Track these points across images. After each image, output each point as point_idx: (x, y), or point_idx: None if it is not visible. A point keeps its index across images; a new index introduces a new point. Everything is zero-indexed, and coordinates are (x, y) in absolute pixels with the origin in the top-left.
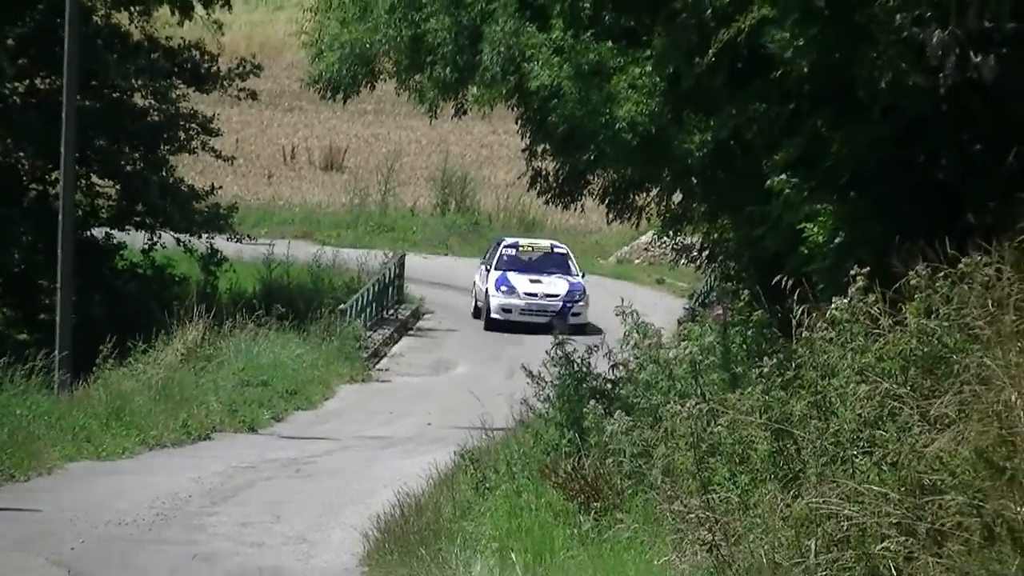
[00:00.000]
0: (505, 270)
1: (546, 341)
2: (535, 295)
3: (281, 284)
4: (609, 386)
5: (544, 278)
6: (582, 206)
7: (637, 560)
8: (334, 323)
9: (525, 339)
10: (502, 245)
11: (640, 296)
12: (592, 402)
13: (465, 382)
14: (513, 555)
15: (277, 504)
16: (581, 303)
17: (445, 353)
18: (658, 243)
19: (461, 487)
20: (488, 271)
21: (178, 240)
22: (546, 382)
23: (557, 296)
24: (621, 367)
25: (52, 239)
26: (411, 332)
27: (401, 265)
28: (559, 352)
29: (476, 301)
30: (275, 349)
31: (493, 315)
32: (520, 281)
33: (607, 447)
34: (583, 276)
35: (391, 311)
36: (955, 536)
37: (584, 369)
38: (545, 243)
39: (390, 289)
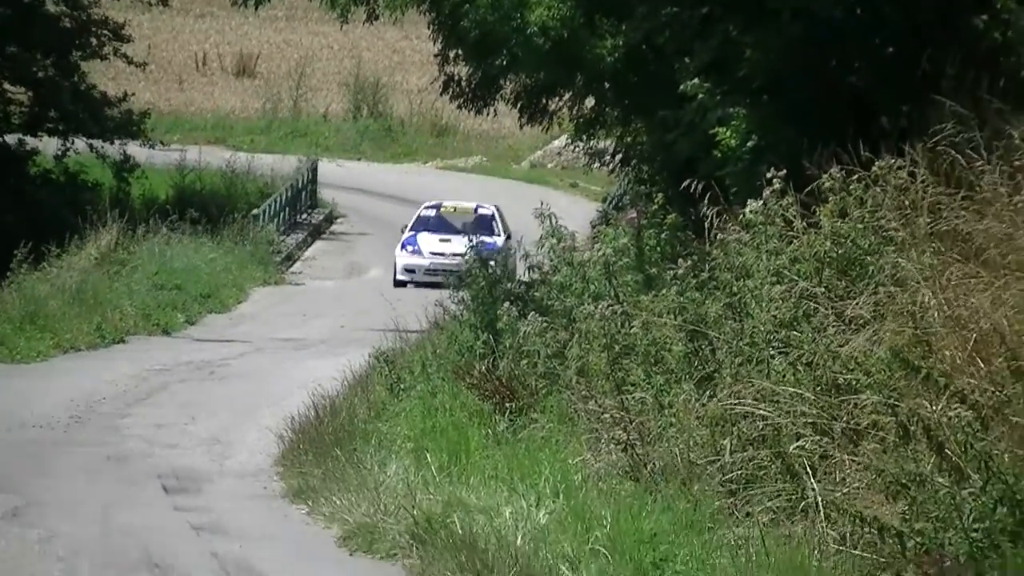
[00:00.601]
0: (418, 231)
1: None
2: (441, 254)
3: (194, 190)
4: (523, 288)
5: (455, 237)
6: (495, 111)
7: (552, 459)
8: (247, 228)
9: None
10: (422, 207)
11: (554, 200)
12: (506, 304)
13: (378, 285)
14: (428, 455)
15: (191, 406)
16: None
17: (357, 257)
18: (571, 148)
19: (376, 388)
20: (403, 231)
21: (91, 146)
22: (457, 283)
23: (464, 255)
24: (535, 270)
25: None
26: (324, 236)
27: (314, 170)
28: (472, 254)
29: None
30: (188, 254)
31: (398, 276)
32: (428, 241)
33: (521, 348)
34: (507, 237)
35: (304, 216)
36: (870, 435)
37: (498, 272)
38: (469, 204)
39: (303, 194)
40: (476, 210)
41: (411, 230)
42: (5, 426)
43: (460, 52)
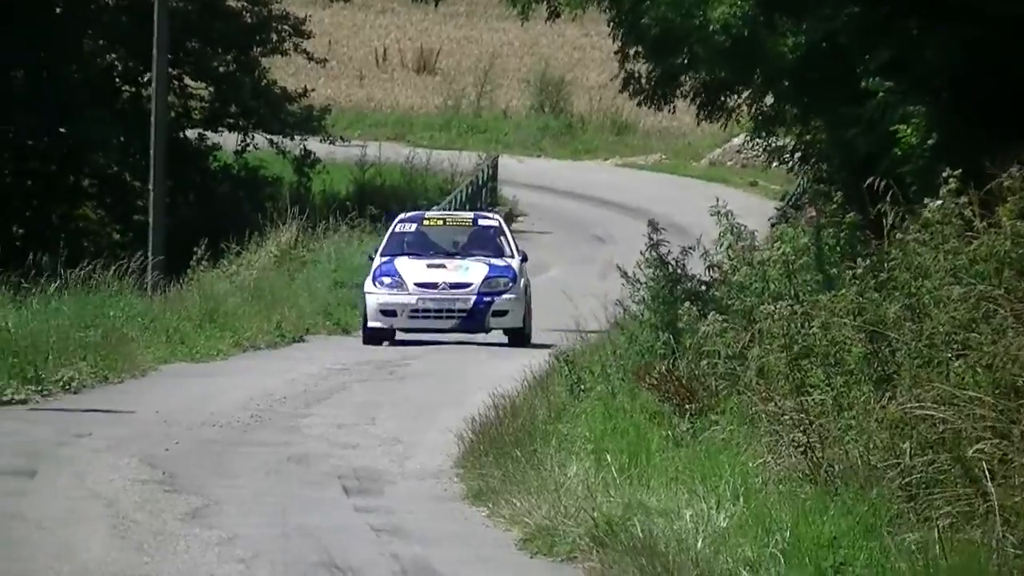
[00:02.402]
0: (394, 255)
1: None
2: (433, 287)
3: (374, 186)
4: (703, 288)
5: (450, 261)
6: (674, 108)
7: (732, 461)
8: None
9: (618, 238)
10: (396, 221)
11: (733, 198)
12: (686, 304)
13: (558, 284)
14: (608, 457)
15: (371, 406)
16: (510, 296)
17: (537, 255)
18: (750, 145)
19: (556, 389)
20: (371, 257)
21: (271, 142)
22: (640, 283)
23: (468, 287)
24: (715, 269)
25: (145, 141)
26: (502, 232)
27: (494, 167)
28: (653, 254)
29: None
30: (368, 250)
31: (370, 323)
32: (411, 269)
33: (701, 349)
34: (523, 259)
35: (485, 212)
36: None
37: (679, 271)
38: (465, 215)
39: (483, 191)
40: (475, 221)
41: (383, 254)
42: (185, 425)
43: (640, 49)
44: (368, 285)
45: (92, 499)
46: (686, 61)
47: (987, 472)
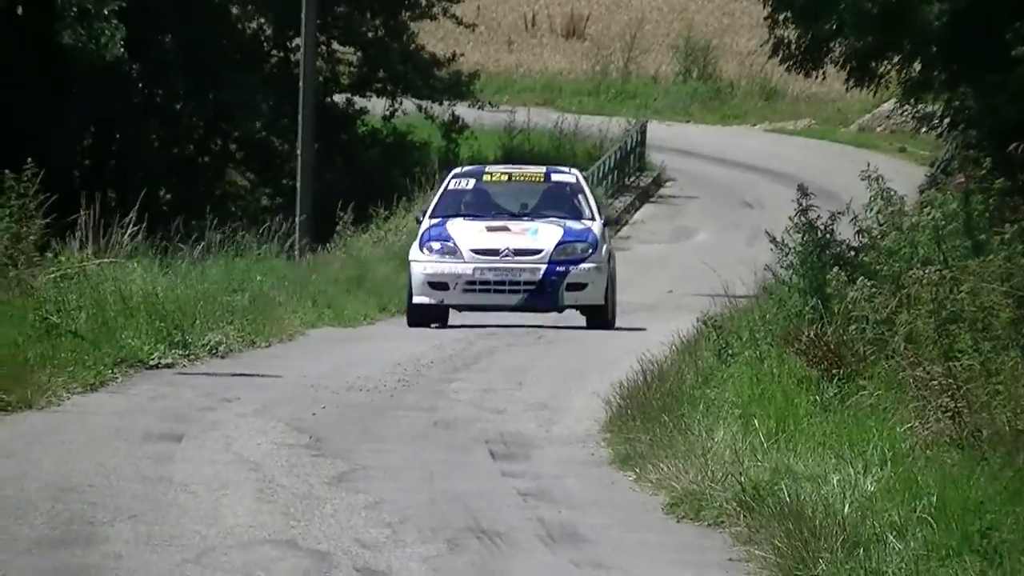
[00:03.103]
0: (446, 216)
1: (791, 207)
2: (494, 253)
3: (522, 151)
4: (852, 253)
5: (516, 223)
6: (823, 73)
7: (879, 427)
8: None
9: (766, 203)
10: (450, 176)
11: (881, 164)
12: (835, 269)
13: (705, 249)
14: (756, 421)
15: (519, 371)
16: (589, 265)
17: (686, 220)
18: (899, 111)
19: (703, 354)
20: (419, 220)
21: (419, 107)
22: (789, 248)
23: (537, 254)
24: (864, 234)
25: (293, 105)
26: (652, 199)
27: (643, 132)
28: (802, 219)
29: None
30: (417, 213)
31: (416, 299)
32: (467, 232)
33: (849, 314)
34: (605, 223)
35: (632, 179)
36: None
37: (827, 236)
38: (536, 169)
39: (631, 157)
40: (548, 176)
41: (434, 216)
42: (332, 389)
43: (789, 15)
44: (414, 251)
45: (238, 463)
46: (835, 27)
47: None
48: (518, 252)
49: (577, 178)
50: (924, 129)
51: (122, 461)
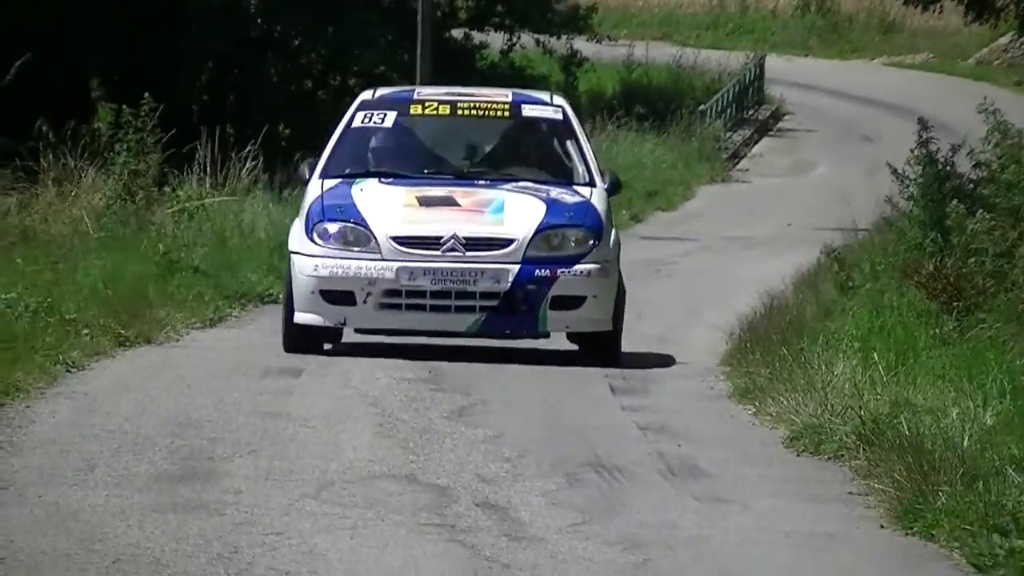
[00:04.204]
0: (347, 176)
1: (910, 141)
2: (431, 243)
3: (641, 85)
4: (971, 186)
5: (466, 192)
6: (941, 7)
7: (999, 359)
8: (694, 124)
9: (885, 137)
10: (356, 104)
11: (999, 98)
12: (954, 202)
13: (825, 182)
14: (875, 355)
15: (638, 304)
16: (587, 266)
17: (804, 154)
18: (1018, 45)
19: (824, 287)
20: (305, 181)
21: (537, 41)
22: (909, 181)
23: (505, 246)
24: (983, 167)
25: (412, 40)
26: (771, 133)
27: (761, 66)
28: (922, 151)
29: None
30: (634, 150)
31: (300, 315)
32: (385, 204)
33: (969, 247)
34: (610, 188)
35: (751, 112)
36: None
37: (947, 169)
38: (495, 95)
39: (750, 90)
40: (517, 109)
41: (327, 175)
42: None
43: None
44: (297, 238)
45: (357, 398)
46: None
47: None
48: (471, 242)
49: (565, 113)
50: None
51: (241, 396)
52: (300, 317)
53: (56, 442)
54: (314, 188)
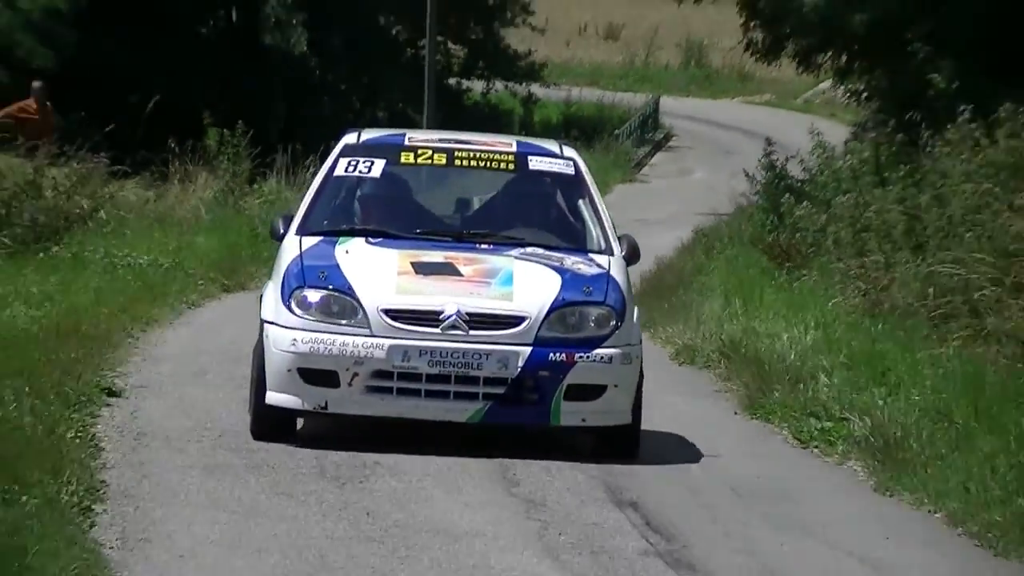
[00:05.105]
0: (328, 233)
1: (758, 154)
2: (429, 319)
3: (576, 116)
4: (799, 184)
5: (467, 258)
6: (780, 63)
7: (815, 302)
8: (611, 143)
9: (742, 151)
10: (339, 148)
11: (820, 125)
12: (787, 195)
13: (700, 183)
14: (732, 298)
15: None
16: (609, 351)
17: (685, 163)
18: (833, 88)
19: (697, 253)
20: (279, 235)
21: (506, 86)
22: (757, 181)
23: (515, 324)
24: (807, 171)
25: (422, 86)
26: (663, 149)
27: (656, 104)
28: (766, 161)
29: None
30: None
31: (272, 395)
32: (375, 270)
33: (796, 226)
34: (627, 256)
35: (649, 135)
36: None
37: (782, 173)
38: (498, 143)
39: (649, 120)
40: (522, 161)
41: (305, 229)
42: None
43: (757, 23)
44: (271, 305)
45: None
46: (788, 31)
47: (987, 309)
48: (475, 319)
49: (576, 167)
50: (849, 101)
51: None
52: (273, 398)
53: (181, 355)
54: (291, 246)
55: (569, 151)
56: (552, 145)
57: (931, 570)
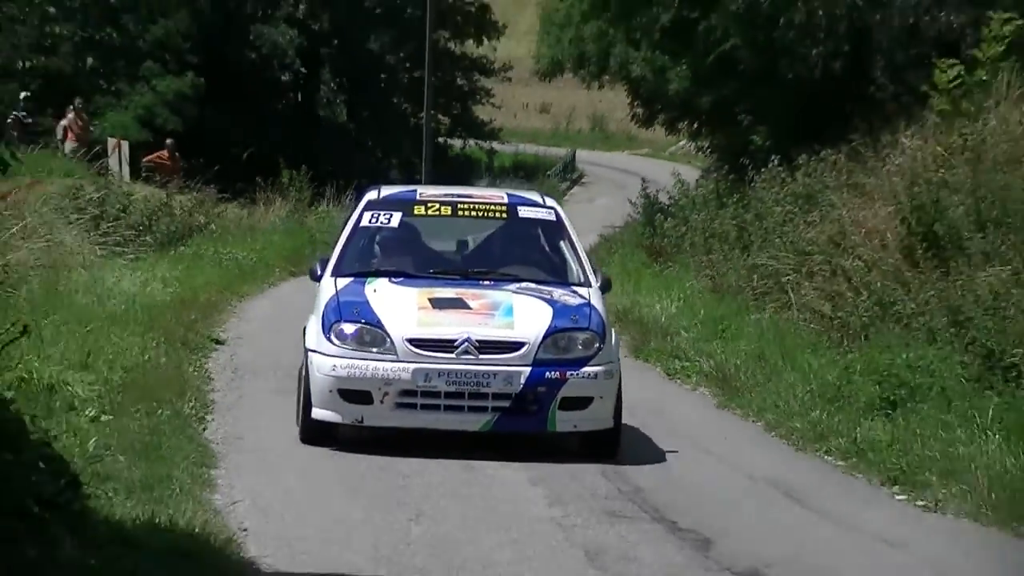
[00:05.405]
0: (358, 274)
1: (638, 188)
2: (445, 346)
3: (521, 162)
4: (666, 206)
5: (474, 293)
6: (655, 128)
7: (679, 284)
8: (544, 179)
9: (629, 186)
10: (363, 204)
11: (680, 169)
12: (659, 215)
13: (603, 207)
14: (624, 281)
15: None
16: (595, 368)
17: (592, 194)
18: (688, 144)
19: (601, 252)
20: (317, 277)
21: (475, 143)
22: (637, 205)
23: (516, 349)
24: (671, 198)
25: (421, 143)
26: (578, 184)
27: (574, 155)
28: (643, 191)
29: (304, 372)
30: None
31: (317, 411)
32: (399, 306)
33: (665, 234)
34: (603, 287)
35: (569, 174)
36: (819, 273)
37: (655, 199)
38: (491, 196)
39: (568, 164)
40: (513, 211)
41: (339, 271)
42: None
43: (639, 102)
44: (314, 336)
45: None
46: (659, 107)
47: (791, 288)
48: (484, 345)
49: (557, 214)
50: (699, 152)
51: None
52: (318, 413)
53: (263, 317)
54: (328, 287)
55: (550, 201)
56: (536, 196)
57: (754, 460)
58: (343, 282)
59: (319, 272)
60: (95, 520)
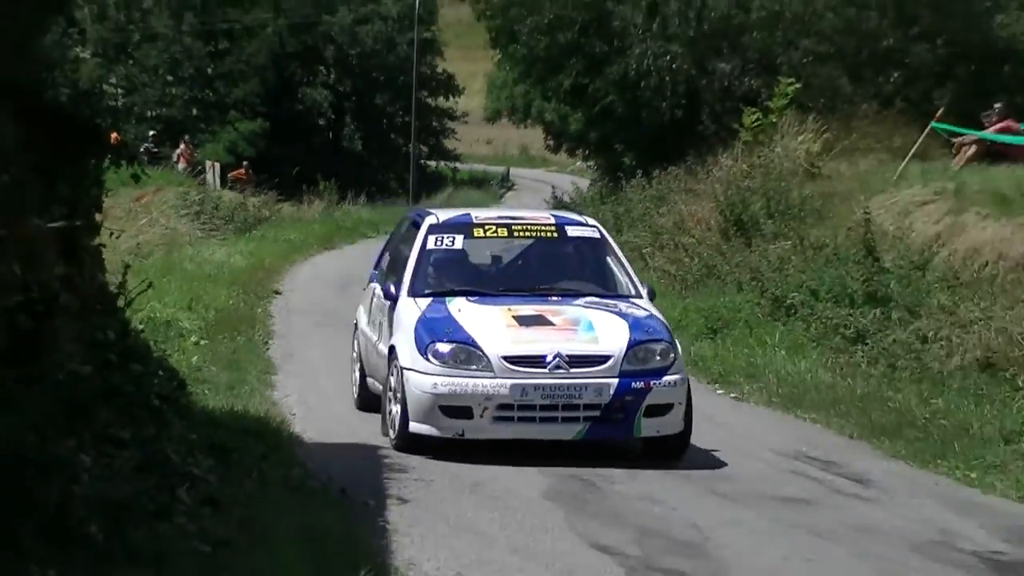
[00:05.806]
0: (437, 293)
1: (549, 191)
2: (537, 361)
3: (474, 175)
4: (568, 203)
5: (552, 310)
6: (564, 153)
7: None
8: (489, 187)
9: (543, 191)
10: (426, 231)
11: (578, 180)
12: (564, 209)
13: (527, 203)
14: None
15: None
16: (673, 377)
17: (522, 198)
18: (584, 162)
19: None
20: (392, 297)
21: (444, 163)
22: (549, 203)
23: (603, 362)
24: (572, 198)
25: (408, 164)
26: (511, 190)
27: (508, 171)
28: (553, 193)
29: (359, 375)
30: (471, 198)
31: (415, 426)
32: (488, 325)
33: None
34: (651, 294)
35: (505, 182)
36: (667, 246)
37: (563, 199)
38: (539, 217)
39: (505, 177)
40: (563, 231)
41: (415, 292)
42: None
43: (550, 136)
44: (407, 354)
45: None
46: (563, 140)
47: (649, 257)
48: (574, 359)
49: (601, 232)
50: (589, 170)
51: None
52: (415, 427)
53: (308, 276)
54: (410, 307)
55: (592, 220)
56: (577, 216)
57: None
58: (424, 302)
59: (393, 291)
60: (195, 409)
